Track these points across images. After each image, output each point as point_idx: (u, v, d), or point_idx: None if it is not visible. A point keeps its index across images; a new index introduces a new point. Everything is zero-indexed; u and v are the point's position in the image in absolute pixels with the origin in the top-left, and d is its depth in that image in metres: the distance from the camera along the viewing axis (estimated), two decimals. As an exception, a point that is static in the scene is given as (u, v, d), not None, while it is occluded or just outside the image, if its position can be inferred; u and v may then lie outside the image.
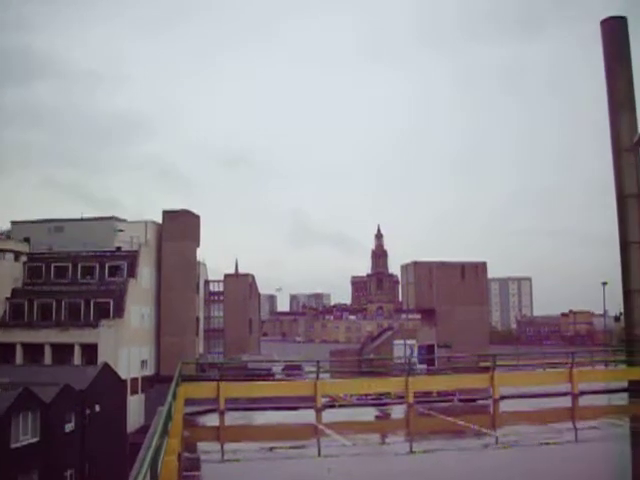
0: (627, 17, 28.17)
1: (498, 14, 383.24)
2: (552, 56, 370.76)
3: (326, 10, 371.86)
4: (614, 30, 28.22)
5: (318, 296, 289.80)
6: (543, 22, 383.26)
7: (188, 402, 18.72)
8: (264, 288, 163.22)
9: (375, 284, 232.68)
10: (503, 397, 22.50)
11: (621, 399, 23.99)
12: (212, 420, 19.41)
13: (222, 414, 19.40)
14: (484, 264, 42.57)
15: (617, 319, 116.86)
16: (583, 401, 22.67)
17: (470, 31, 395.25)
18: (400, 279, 48.85)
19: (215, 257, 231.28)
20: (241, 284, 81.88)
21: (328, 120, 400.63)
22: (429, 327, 40.81)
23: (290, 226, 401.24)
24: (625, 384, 25.34)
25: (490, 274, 47.24)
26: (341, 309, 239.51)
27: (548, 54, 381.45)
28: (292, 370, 38.76)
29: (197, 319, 64.62)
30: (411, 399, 21.41)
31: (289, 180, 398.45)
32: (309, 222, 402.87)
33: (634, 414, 21.34)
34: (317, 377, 21.59)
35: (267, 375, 33.35)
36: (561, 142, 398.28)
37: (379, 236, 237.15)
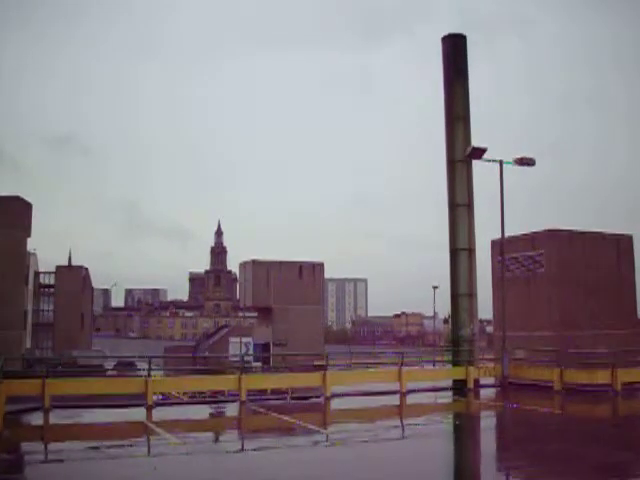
0: (466, 36, 29.61)
1: (345, 22, 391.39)
2: (395, 67, 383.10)
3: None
4: (454, 47, 29.54)
5: (155, 292, 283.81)
6: (388, 33, 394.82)
7: (11, 400, 17.81)
8: (98, 282, 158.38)
9: (213, 281, 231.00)
10: (335, 395, 22.98)
11: (446, 397, 25.10)
12: (37, 419, 18.56)
13: (47, 412, 18.60)
14: (321, 264, 43.24)
15: (446, 321, 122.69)
16: (411, 399, 23.55)
17: (319, 36, 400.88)
18: (238, 277, 48.74)
19: (48, 247, 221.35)
20: (74, 277, 78.69)
21: (174, 112, 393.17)
22: (265, 325, 40.96)
23: (127, 218, 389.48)
24: (450, 383, 26.59)
25: (327, 274, 48.04)
26: (178, 305, 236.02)
27: (391, 65, 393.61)
28: (124, 367, 37.79)
29: (25, 312, 61.54)
30: (244, 397, 21.44)
31: (127, 169, 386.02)
32: (147, 215, 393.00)
33: (457, 412, 22.42)
34: (149, 374, 21.18)
35: (98, 372, 32.25)
36: (401, 150, 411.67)
37: (219, 233, 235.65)
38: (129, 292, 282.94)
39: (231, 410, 21.66)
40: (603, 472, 11.82)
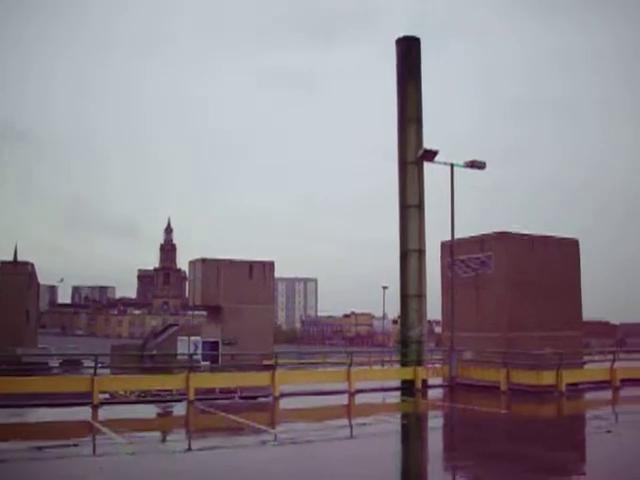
0: (420, 38, 29.83)
1: (295, 21, 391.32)
2: (347, 67, 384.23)
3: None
4: (408, 49, 29.74)
5: (102, 289, 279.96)
6: (341, 33, 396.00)
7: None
8: (45, 278, 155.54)
9: (162, 279, 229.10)
10: (284, 395, 22.93)
11: (394, 397, 25.24)
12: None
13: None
14: (272, 263, 43.16)
15: (395, 322, 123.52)
16: (359, 399, 23.62)
17: (266, 36, 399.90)
18: (188, 275, 48.32)
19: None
20: (19, 273, 77.25)
21: (127, 105, 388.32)
22: (214, 324, 40.71)
23: (76, 214, 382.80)
24: (399, 383, 26.77)
25: (277, 274, 47.94)
26: (126, 303, 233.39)
27: (344, 65, 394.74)
28: (70, 365, 37.12)
29: (-33, 309, 60.11)
30: (192, 396, 21.26)
31: (77, 164, 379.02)
32: (97, 212, 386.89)
33: (405, 412, 22.56)
34: (95, 372, 20.87)
35: (43, 369, 31.61)
36: (355, 151, 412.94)
37: (169, 230, 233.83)
38: (76, 289, 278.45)
39: (179, 409, 21.43)
40: (547, 471, 12.00)
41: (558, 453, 13.90)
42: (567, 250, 29.79)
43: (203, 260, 41.68)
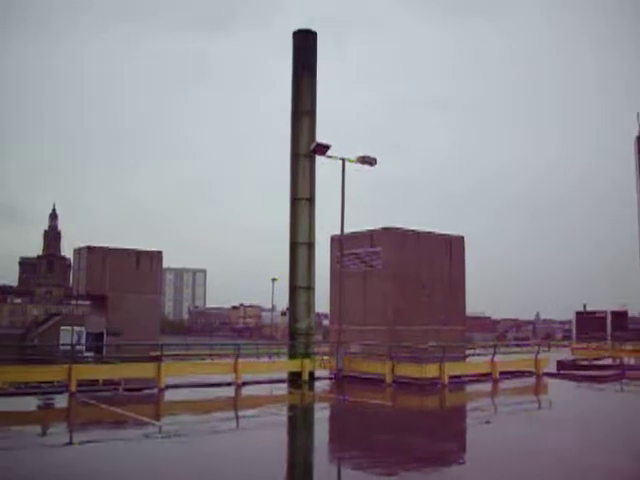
0: (317, 33, 29.96)
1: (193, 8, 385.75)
2: (246, 55, 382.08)
3: None
4: (304, 42, 29.82)
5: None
6: (238, 23, 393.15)
7: None
8: None
9: (45, 267, 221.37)
10: (170, 387, 22.62)
11: (281, 389, 25.32)
12: None
13: None
14: (160, 253, 42.31)
15: (284, 314, 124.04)
16: (246, 391, 23.59)
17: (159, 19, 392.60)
18: (72, 263, 46.89)
19: None
20: None
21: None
22: (99, 314, 39.62)
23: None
24: (286, 375, 26.88)
25: (166, 264, 47.15)
26: (6, 291, 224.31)
27: (243, 53, 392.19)
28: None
29: None
30: (74, 388, 20.66)
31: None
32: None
33: (291, 404, 22.68)
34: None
35: None
36: (248, 141, 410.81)
37: (54, 216, 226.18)
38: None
39: (60, 402, 20.75)
40: (429, 460, 12.32)
41: (440, 443, 14.33)
42: (453, 246, 30.59)
43: (89, 248, 40.47)
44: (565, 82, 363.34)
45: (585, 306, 62.41)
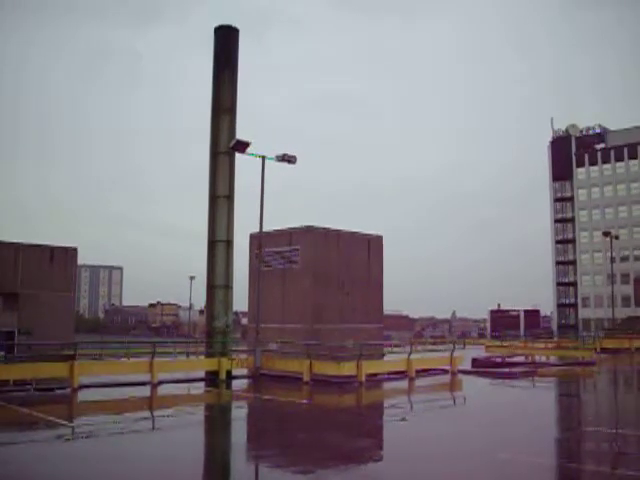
0: (239, 29, 29.76)
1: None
2: (170, 49, 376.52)
3: None
4: (226, 38, 29.61)
5: None
6: (162, 15, 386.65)
7: None
8: None
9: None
10: (83, 386, 22.15)
11: (198, 388, 25.08)
12: None
13: None
14: (75, 249, 41.35)
15: (202, 312, 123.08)
16: (162, 390, 23.29)
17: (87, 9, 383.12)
18: (-18, 259, 45.41)
19: None
20: None
21: None
22: (10, 312, 38.50)
23: None
24: (203, 374, 26.67)
25: (81, 261, 46.14)
26: None
27: (167, 46, 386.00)
28: None
29: None
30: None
31: None
32: None
33: (208, 403, 22.49)
34: None
35: None
36: (168, 137, 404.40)
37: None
38: None
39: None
40: (346, 457, 12.39)
41: (357, 440, 14.46)
42: (371, 246, 30.92)
43: (0, 243, 39.28)
44: (485, 84, 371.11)
45: (499, 305, 64.18)
